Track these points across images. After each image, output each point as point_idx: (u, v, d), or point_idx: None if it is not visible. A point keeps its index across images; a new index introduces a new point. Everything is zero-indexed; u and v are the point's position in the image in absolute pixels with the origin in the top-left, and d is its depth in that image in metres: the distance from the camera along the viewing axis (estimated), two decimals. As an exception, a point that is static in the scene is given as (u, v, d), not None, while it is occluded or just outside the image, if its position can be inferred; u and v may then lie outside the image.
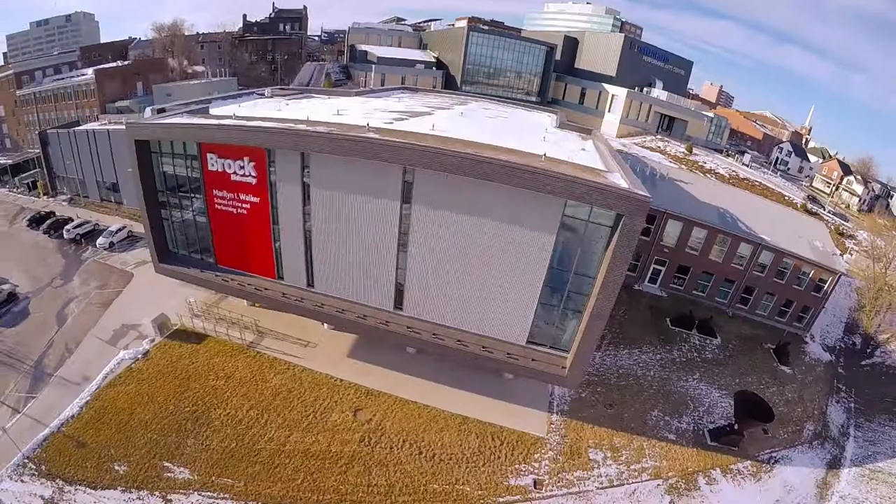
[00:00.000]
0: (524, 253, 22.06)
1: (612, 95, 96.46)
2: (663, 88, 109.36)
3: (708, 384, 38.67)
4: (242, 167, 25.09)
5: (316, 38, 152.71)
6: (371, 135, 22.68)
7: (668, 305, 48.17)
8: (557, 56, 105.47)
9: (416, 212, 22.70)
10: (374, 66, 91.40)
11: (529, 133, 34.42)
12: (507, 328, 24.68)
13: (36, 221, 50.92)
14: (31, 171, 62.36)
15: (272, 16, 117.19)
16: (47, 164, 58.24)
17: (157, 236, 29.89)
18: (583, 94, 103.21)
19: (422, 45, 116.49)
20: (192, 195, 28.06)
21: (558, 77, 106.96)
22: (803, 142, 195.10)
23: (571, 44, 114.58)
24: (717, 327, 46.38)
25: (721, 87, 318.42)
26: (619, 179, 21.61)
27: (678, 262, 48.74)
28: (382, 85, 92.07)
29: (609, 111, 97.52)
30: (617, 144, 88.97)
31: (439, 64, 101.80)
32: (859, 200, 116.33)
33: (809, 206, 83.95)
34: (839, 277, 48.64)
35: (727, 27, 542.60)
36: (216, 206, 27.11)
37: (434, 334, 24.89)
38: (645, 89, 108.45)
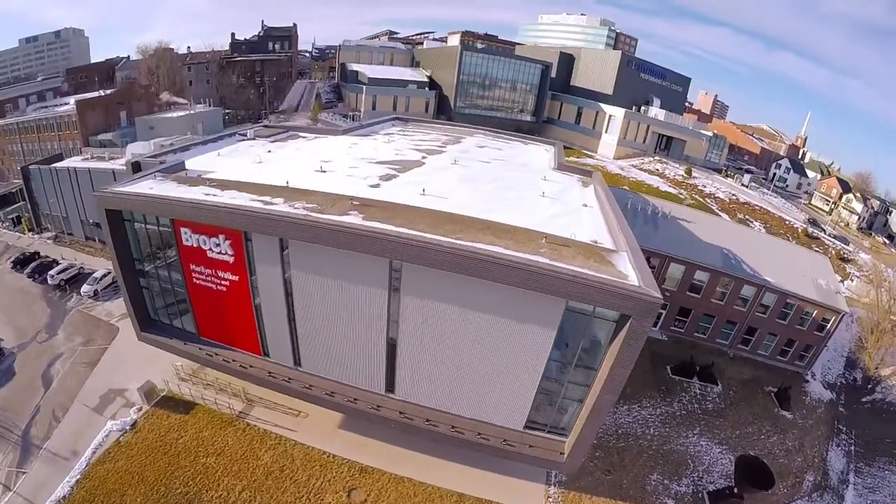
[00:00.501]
0: (522, 346, 21.64)
1: (610, 116, 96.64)
2: (661, 106, 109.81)
3: (708, 439, 38.39)
4: (218, 245, 24.42)
5: (307, 54, 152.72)
6: (353, 219, 21.94)
7: (668, 351, 47.92)
8: (553, 73, 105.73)
9: (405, 301, 22.21)
10: (364, 87, 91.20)
11: (527, 187, 34.00)
12: (503, 414, 24.23)
13: (20, 263, 50.30)
14: (16, 205, 61.61)
15: (261, 34, 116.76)
16: (31, 199, 57.53)
17: (136, 304, 29.20)
18: (579, 114, 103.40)
19: (414, 63, 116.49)
20: (170, 266, 27.43)
21: (554, 96, 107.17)
22: (800, 154, 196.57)
23: (567, 60, 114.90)
24: (719, 372, 46.12)
25: (716, 96, 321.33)
26: (628, 266, 21.13)
27: (679, 304, 48.55)
28: (374, 107, 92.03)
29: (606, 132, 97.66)
30: (615, 168, 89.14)
31: (432, 83, 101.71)
32: (858, 219, 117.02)
33: (810, 230, 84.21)
34: (843, 316, 48.56)
35: (722, 34, 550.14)
36: (194, 280, 26.48)
37: (427, 420, 24.41)
38: (642, 107, 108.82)
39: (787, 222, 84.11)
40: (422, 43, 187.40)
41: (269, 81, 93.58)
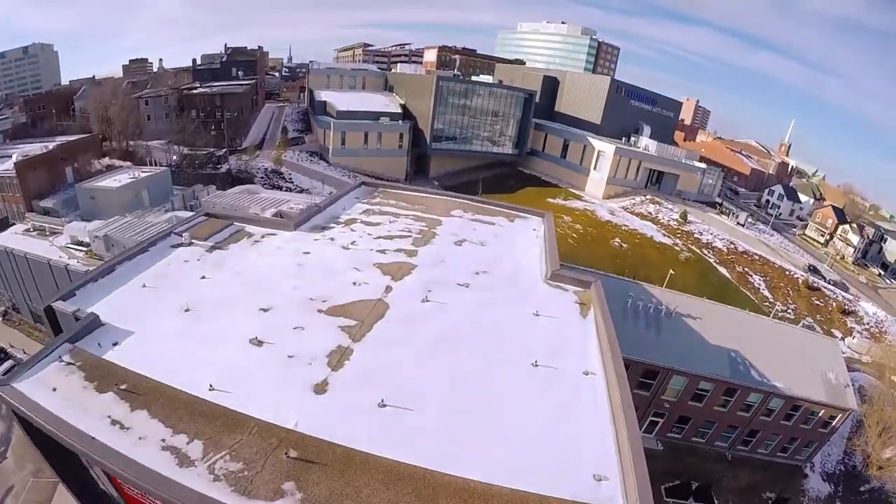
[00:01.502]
0: None
1: (599, 152, 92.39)
2: (652, 133, 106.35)
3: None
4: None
5: (276, 75, 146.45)
6: None
7: (663, 466, 43.89)
8: (537, 98, 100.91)
9: None
10: (333, 122, 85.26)
11: (515, 343, 28.48)
12: None
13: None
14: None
15: (223, 59, 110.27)
16: (-24, 270, 51.58)
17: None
18: (566, 147, 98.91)
19: (387, 87, 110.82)
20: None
21: (538, 126, 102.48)
22: (789, 170, 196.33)
23: (551, 84, 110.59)
24: (716, 482, 43.36)
25: (697, 101, 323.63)
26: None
27: (679, 413, 44.76)
28: (343, 143, 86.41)
29: (595, 168, 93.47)
30: (605, 212, 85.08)
31: (406, 113, 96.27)
32: (854, 251, 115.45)
33: (811, 280, 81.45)
34: (850, 414, 46.81)
35: (702, 34, 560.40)
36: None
37: None
38: (632, 137, 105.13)
39: (787, 273, 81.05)
40: (401, 57, 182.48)
41: (230, 117, 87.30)
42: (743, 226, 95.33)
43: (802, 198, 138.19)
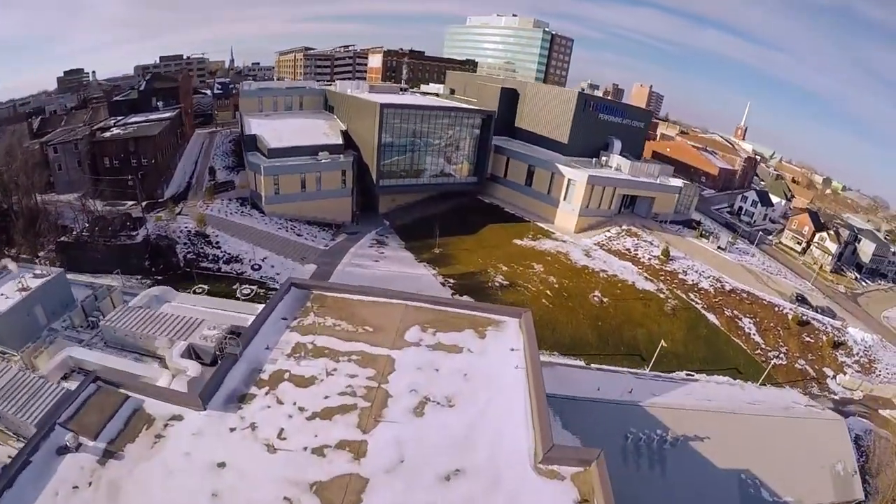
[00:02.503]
0: None
1: (569, 180, 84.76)
2: (622, 148, 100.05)
3: None
4: None
5: (207, 93, 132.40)
6: None
7: None
8: (495, 114, 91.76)
9: None
10: (264, 164, 74.16)
11: None
12: None
13: None
14: None
15: (141, 88, 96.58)
16: None
17: None
18: (531, 174, 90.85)
19: (328, 106, 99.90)
20: None
21: (498, 149, 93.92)
22: (755, 165, 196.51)
23: (510, 96, 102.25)
24: None
25: (651, 87, 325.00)
26: None
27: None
28: (277, 191, 75.76)
29: (565, 199, 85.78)
30: (579, 255, 78.21)
31: (348, 140, 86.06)
32: (832, 259, 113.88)
33: (800, 312, 77.70)
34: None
35: (649, 14, 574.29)
36: None
37: None
38: (602, 154, 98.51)
39: (776, 309, 76.72)
40: (344, 60, 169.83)
41: (147, 164, 75.23)
42: (724, 250, 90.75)
43: (774, 199, 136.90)
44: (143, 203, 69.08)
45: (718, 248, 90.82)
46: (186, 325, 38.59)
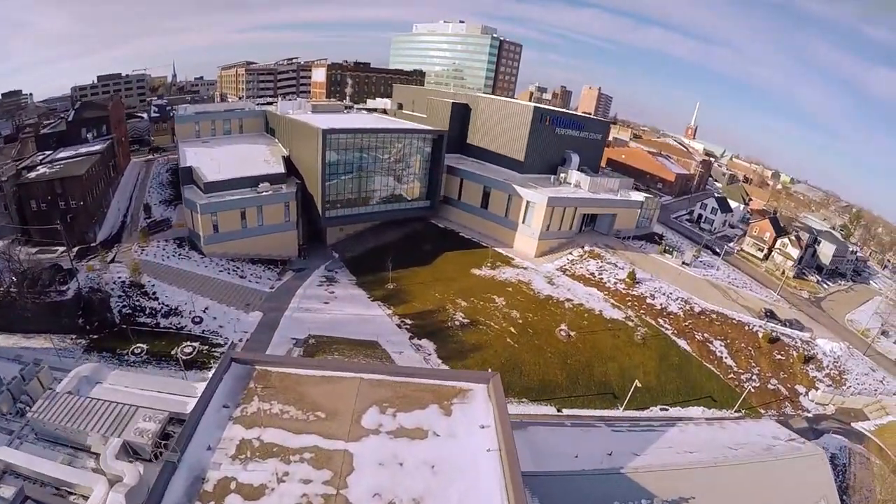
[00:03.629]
0: None
1: (528, 203, 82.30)
2: (580, 162, 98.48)
3: None
4: None
5: (143, 117, 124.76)
6: None
7: None
8: (446, 131, 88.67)
9: None
10: (200, 202, 68.41)
11: None
12: None
13: None
14: None
15: (70, 119, 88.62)
16: None
17: None
18: (486, 195, 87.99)
19: (268, 129, 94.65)
20: None
21: (451, 169, 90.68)
22: (710, 168, 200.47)
23: (462, 111, 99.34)
24: None
25: (600, 89, 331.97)
26: None
27: None
28: (216, 229, 70.17)
29: (524, 222, 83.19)
30: (541, 283, 75.59)
31: (290, 167, 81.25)
32: (793, 264, 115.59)
33: (770, 329, 77.41)
34: None
35: (592, 15, 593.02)
36: None
37: None
38: (559, 170, 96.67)
39: (746, 328, 76.10)
40: (288, 73, 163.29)
41: (76, 207, 68.53)
42: (689, 265, 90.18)
43: (732, 204, 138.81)
44: (74, 250, 62.78)
45: (683, 263, 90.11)
46: (119, 418, 33.86)
